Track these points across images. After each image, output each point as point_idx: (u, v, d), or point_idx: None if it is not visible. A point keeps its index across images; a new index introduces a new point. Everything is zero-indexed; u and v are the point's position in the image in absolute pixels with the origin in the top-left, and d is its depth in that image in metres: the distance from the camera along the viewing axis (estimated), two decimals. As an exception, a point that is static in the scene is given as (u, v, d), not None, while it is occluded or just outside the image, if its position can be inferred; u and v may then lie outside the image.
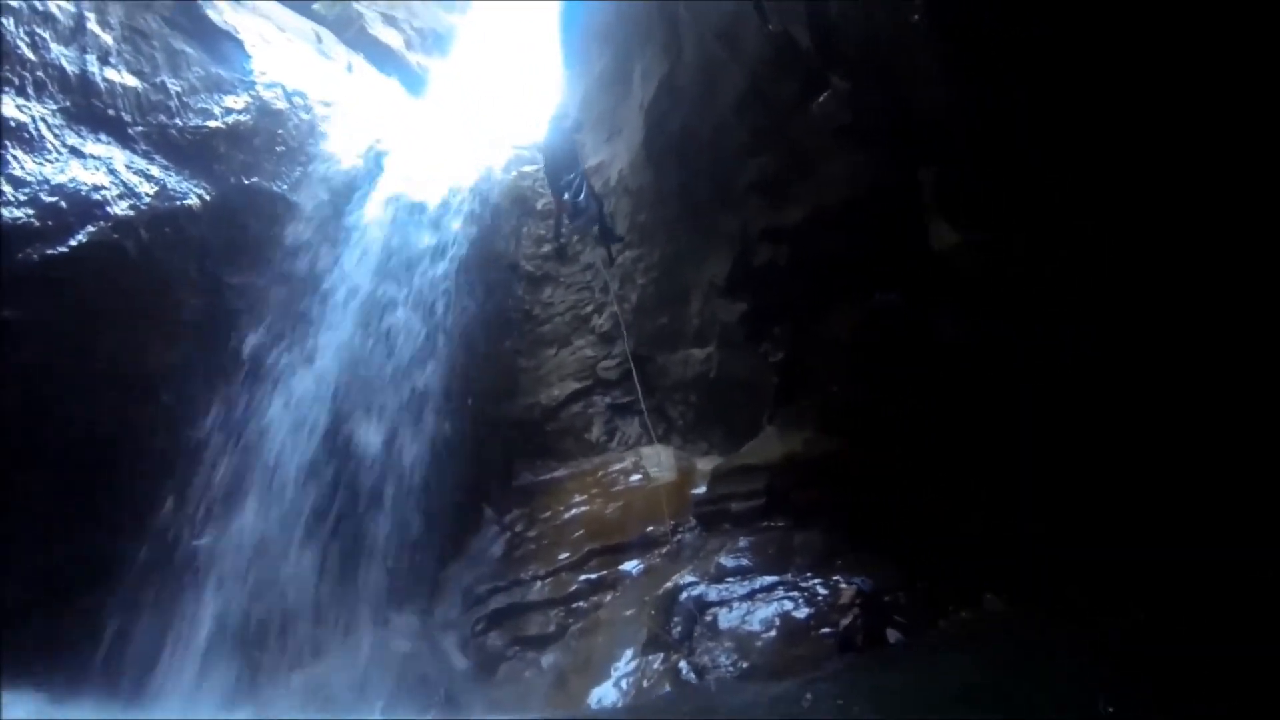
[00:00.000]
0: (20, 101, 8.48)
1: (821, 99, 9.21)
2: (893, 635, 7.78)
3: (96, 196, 8.89)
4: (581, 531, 10.91)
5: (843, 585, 8.24)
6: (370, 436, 10.75)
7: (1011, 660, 6.62)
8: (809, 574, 8.96)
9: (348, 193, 12.00)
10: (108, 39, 9.68)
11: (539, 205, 14.07)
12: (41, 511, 8.33)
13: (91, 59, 9.27)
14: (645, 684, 8.38)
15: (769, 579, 9.08)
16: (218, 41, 11.15)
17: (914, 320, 9.01)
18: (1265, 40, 5.12)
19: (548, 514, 11.44)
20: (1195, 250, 6.30)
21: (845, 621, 7.86)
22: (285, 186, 11.05)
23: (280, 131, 11.27)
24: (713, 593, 9.10)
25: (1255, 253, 5.99)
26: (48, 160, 8.62)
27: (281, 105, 11.48)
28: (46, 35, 8.95)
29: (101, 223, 8.88)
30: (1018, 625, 7.41)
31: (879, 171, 8.94)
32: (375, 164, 12.55)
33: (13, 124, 8.38)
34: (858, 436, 9.55)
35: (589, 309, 13.19)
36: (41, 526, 8.33)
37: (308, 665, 9.22)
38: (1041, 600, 7.59)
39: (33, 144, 8.48)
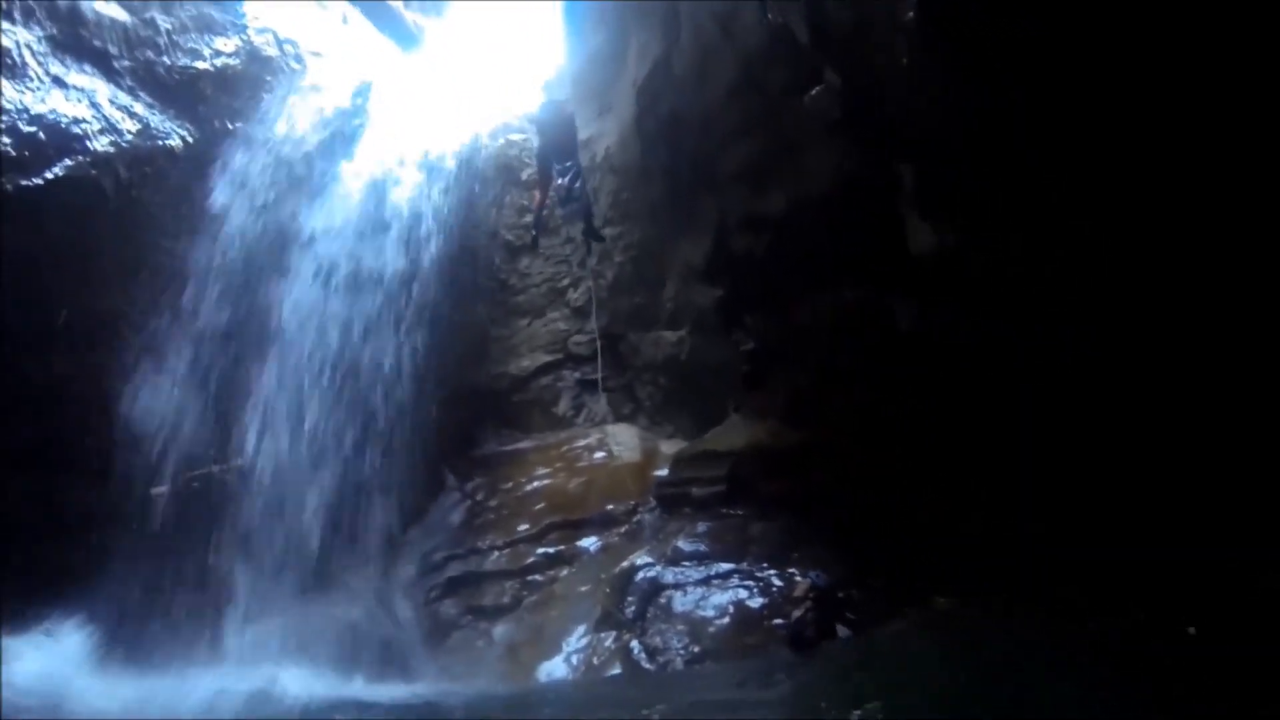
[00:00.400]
0: (6, 25, 8.25)
1: (814, 92, 9.20)
2: (843, 631, 7.89)
3: (76, 130, 8.70)
4: (542, 504, 10.96)
5: (797, 578, 8.36)
6: (336, 392, 10.67)
7: (953, 656, 6.78)
8: (765, 564, 9.06)
9: (330, 144, 11.83)
10: (99, -32, 9.55)
11: (524, 175, 13.93)
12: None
13: (83, -13, 9.07)
14: (596, 661, 8.47)
15: (725, 566, 9.17)
16: (211, -21, 11.03)
17: (883, 316, 9.10)
18: (1263, 36, 5.17)
19: (509, 485, 11.47)
20: (1194, 250, 6.38)
21: (797, 614, 7.99)
22: (271, 134, 10.86)
23: (269, 78, 11.08)
24: (669, 575, 9.18)
25: (1254, 251, 6.07)
26: (29, 88, 8.41)
27: (272, 52, 11.25)
28: (38, -41, 8.75)
29: (80, 156, 8.69)
30: (967, 624, 7.53)
31: (862, 167, 8.95)
32: (360, 118, 12.42)
33: None
34: (822, 430, 9.65)
35: (565, 282, 13.17)
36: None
37: (256, 620, 9.16)
38: (991, 599, 7.75)
39: (15, 70, 8.28)
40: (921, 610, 8.03)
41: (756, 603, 8.66)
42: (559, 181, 11.62)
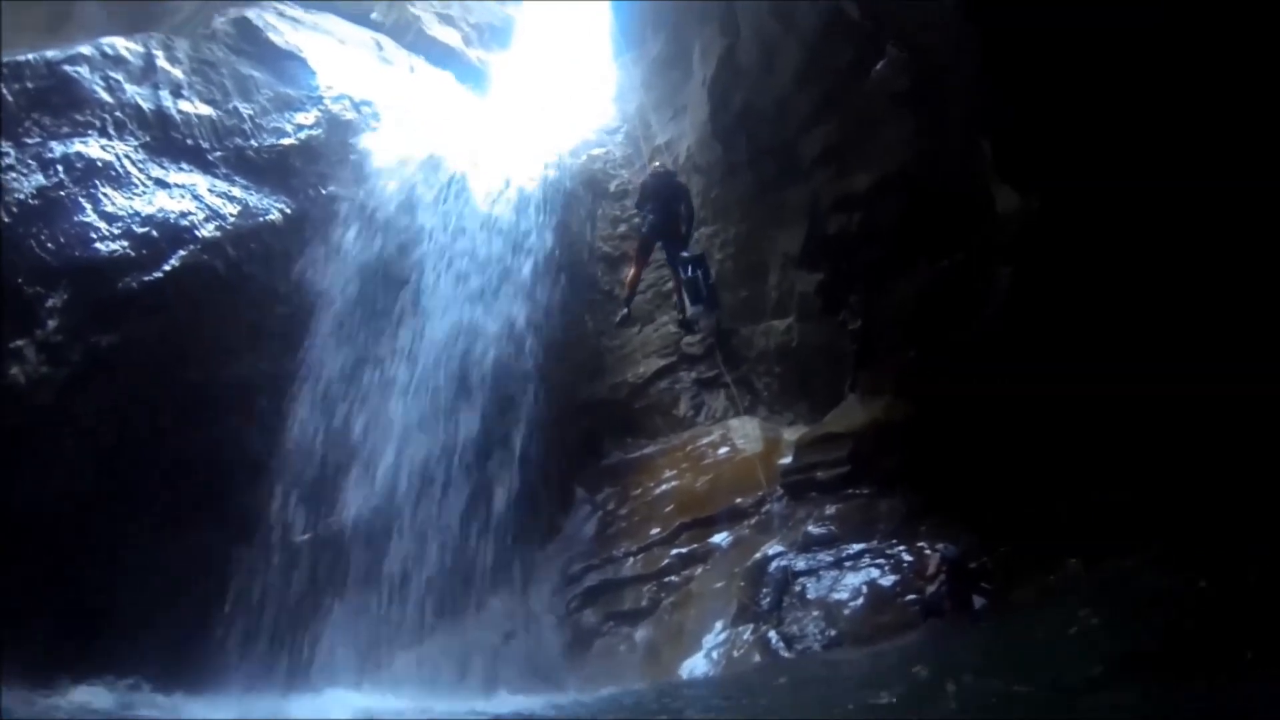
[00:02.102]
0: (104, 142, 9.06)
1: (879, 66, 9.24)
2: (978, 601, 7.86)
3: (184, 222, 9.42)
4: (672, 506, 11.05)
5: (928, 552, 8.30)
6: (469, 425, 11.09)
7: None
8: (894, 540, 9.09)
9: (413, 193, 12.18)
10: (178, 73, 10.24)
11: (611, 187, 14.24)
12: (148, 519, 8.96)
13: (165, 94, 9.82)
14: (735, 654, 8.60)
15: (855, 546, 9.22)
16: (282, 63, 11.60)
17: (980, 282, 8.98)
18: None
19: (638, 491, 11.60)
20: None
21: (931, 589, 7.94)
22: (360, 191, 11.40)
23: (351, 141, 11.65)
24: (800, 562, 9.27)
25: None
26: (135, 194, 9.18)
27: (350, 115, 11.82)
28: (119, 77, 9.54)
29: (191, 246, 9.41)
30: (1101, 586, 7.37)
31: (938, 137, 8.94)
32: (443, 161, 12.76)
33: (99, 164, 8.96)
34: (935, 400, 9.54)
35: (669, 285, 13.22)
36: (159, 531, 8.96)
37: (412, 647, 9.65)
38: (1124, 561, 7.56)
39: (119, 180, 9.06)
40: (1054, 574, 7.95)
41: (889, 580, 8.71)
42: (684, 275, 11.16)
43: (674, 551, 10.37)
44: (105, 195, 8.95)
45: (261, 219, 10.16)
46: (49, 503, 8.34)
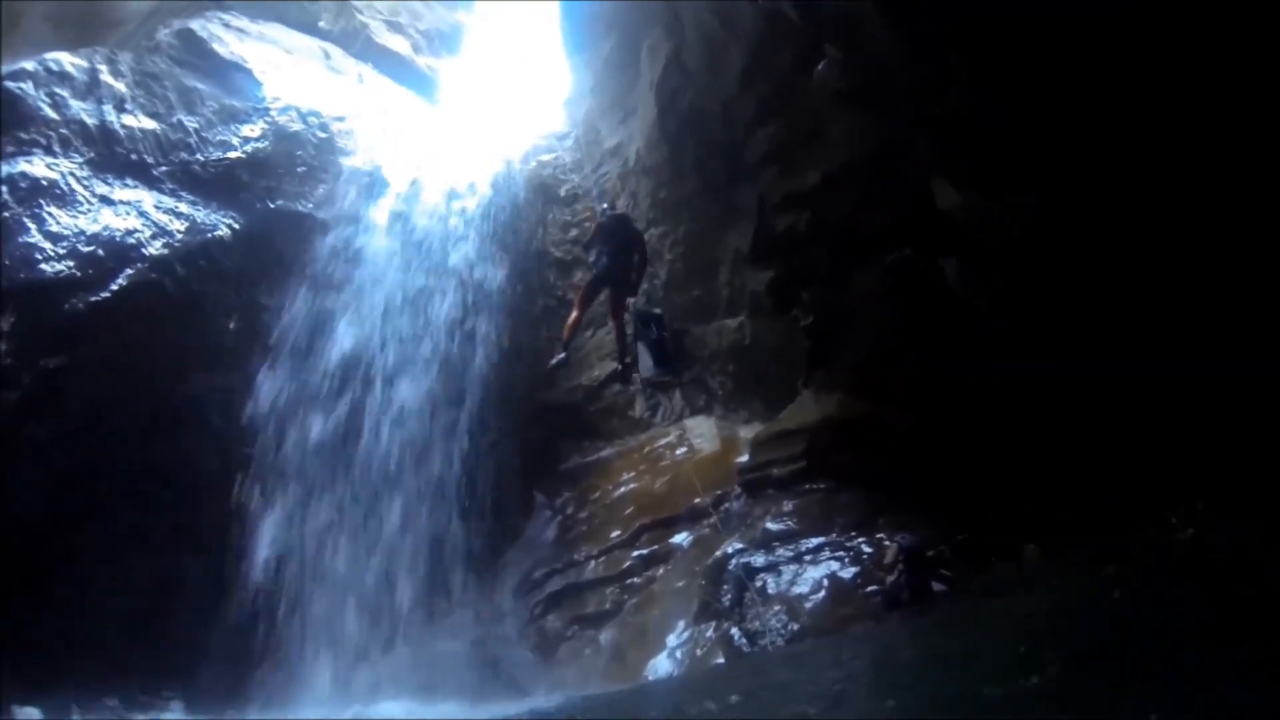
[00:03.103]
0: (49, 160, 8.96)
1: (820, 66, 9.32)
2: (937, 588, 7.95)
3: (131, 240, 9.33)
4: (631, 508, 11.13)
5: (886, 543, 8.39)
6: (424, 435, 11.09)
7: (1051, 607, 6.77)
8: (853, 533, 9.18)
9: (367, 202, 12.21)
10: (121, 87, 10.13)
11: (561, 192, 14.24)
12: (111, 539, 8.84)
13: (109, 108, 9.72)
14: (699, 653, 8.65)
15: (814, 540, 9.31)
16: (228, 74, 11.50)
17: (928, 277, 9.13)
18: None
19: (597, 494, 11.68)
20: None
21: (891, 579, 8.04)
22: (310, 205, 11.34)
23: (299, 153, 11.53)
24: (760, 559, 9.34)
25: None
26: (81, 212, 9.07)
27: (297, 127, 11.72)
28: (64, 93, 9.42)
29: (139, 264, 9.32)
30: (1056, 573, 7.52)
31: (880, 134, 9.06)
32: (387, 170, 12.75)
33: (44, 182, 8.86)
34: (889, 395, 9.68)
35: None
36: (113, 553, 8.85)
37: (373, 661, 9.64)
38: (1079, 546, 7.72)
39: (64, 198, 8.96)
40: (1011, 562, 8.10)
41: (849, 573, 8.80)
42: (649, 335, 10.95)
43: (635, 553, 10.44)
44: (50, 214, 8.86)
45: (210, 235, 10.07)
46: (6, 525, 8.21)
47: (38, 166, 8.94)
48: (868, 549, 8.90)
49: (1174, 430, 7.18)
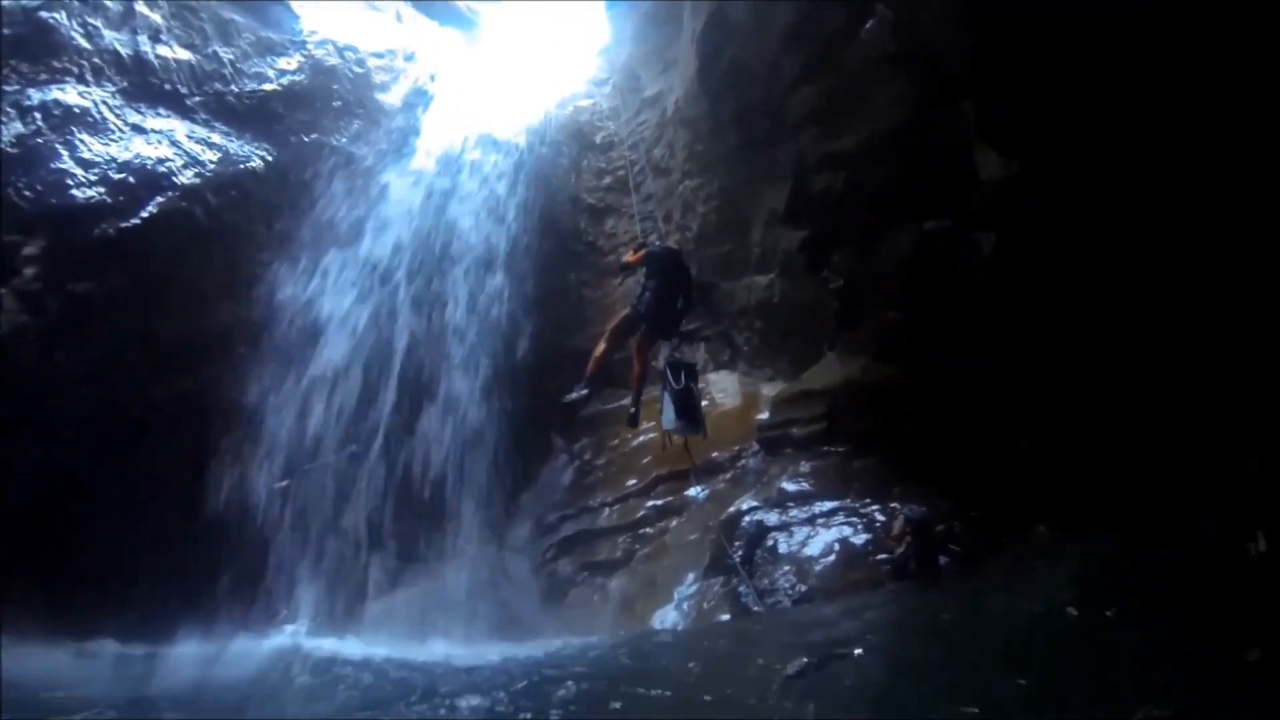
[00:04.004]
0: (81, 89, 8.94)
1: (868, 26, 9.17)
2: (945, 563, 7.94)
3: (162, 169, 9.34)
4: (649, 458, 11.16)
5: (900, 513, 8.34)
6: (447, 375, 11.20)
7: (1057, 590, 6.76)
8: (867, 500, 9.19)
9: (403, 138, 12.20)
10: (156, 18, 10.05)
11: (597, 139, 14.15)
12: (134, 466, 9.00)
13: (143, 39, 9.65)
14: (706, 606, 8.76)
15: (829, 504, 9.33)
16: (265, 6, 11.36)
17: (963, 248, 9.00)
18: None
19: (616, 442, 11.76)
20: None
21: (900, 549, 8.05)
22: (344, 139, 11.34)
23: (335, 87, 11.51)
24: (774, 517, 9.38)
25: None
26: (112, 140, 9.08)
27: (334, 61, 11.68)
28: (97, 23, 9.36)
29: (170, 193, 9.33)
30: (1068, 554, 7.49)
31: (925, 101, 8.91)
32: (424, 109, 12.71)
33: (76, 110, 8.85)
34: (915, 362, 9.61)
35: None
36: (136, 479, 9.01)
37: (385, 595, 9.81)
38: (1091, 527, 7.67)
39: (96, 126, 8.96)
40: (1022, 541, 8.08)
41: (860, 539, 8.82)
42: (674, 384, 9.63)
43: (649, 503, 10.55)
44: (82, 142, 8.86)
45: (242, 166, 10.09)
46: (35, 466, 8.36)
47: (70, 94, 8.94)
48: (881, 517, 8.91)
49: (1189, 427, 7.10)
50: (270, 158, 10.34)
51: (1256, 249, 6.49)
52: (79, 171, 8.74)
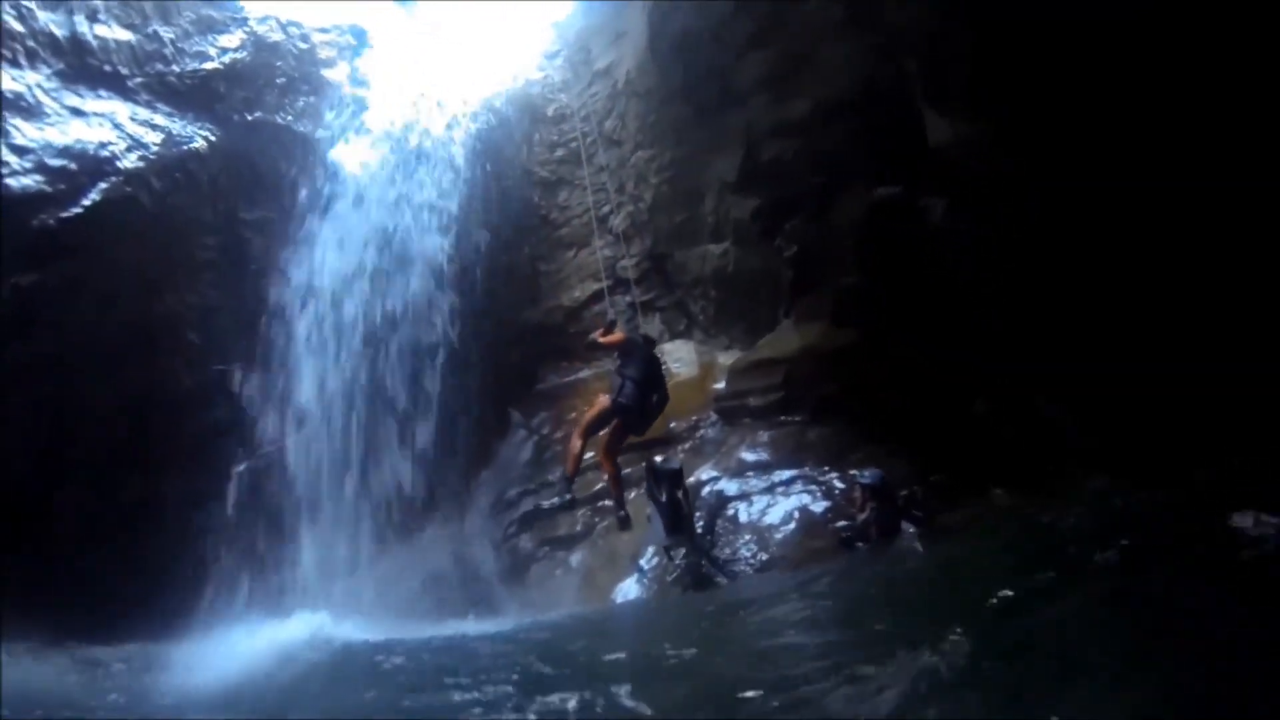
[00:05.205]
0: (14, 72, 8.56)
1: (817, -9, 9.18)
2: (906, 527, 8.12)
3: (104, 153, 9.02)
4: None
5: (859, 479, 8.44)
6: (402, 353, 11.05)
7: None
8: (826, 467, 9.31)
9: (351, 115, 11.93)
10: (94, -2, 9.82)
11: (549, 111, 14.01)
12: (88, 460, 8.79)
13: (80, 19, 9.26)
14: (668, 578, 8.77)
15: (787, 473, 9.44)
16: (207, -17, 11.15)
17: (914, 213, 9.10)
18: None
19: (573, 415, 11.52)
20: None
21: (862, 516, 8.16)
22: (289, 117, 11.08)
23: (279, 63, 11.21)
24: (733, 487, 9.50)
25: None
26: (49, 124, 8.74)
27: (277, 37, 11.37)
28: (31, 4, 8.95)
29: (113, 178, 9.02)
30: (1023, 514, 7.64)
31: (876, 68, 8.96)
32: (371, 85, 12.42)
33: (9, 95, 8.46)
34: (869, 328, 9.71)
35: (606, 209, 13.18)
36: (93, 477, 8.82)
37: (344, 578, 9.77)
38: (1045, 490, 7.84)
39: (31, 111, 8.60)
40: (980, 504, 8.24)
41: (820, 506, 8.95)
42: (662, 499, 8.87)
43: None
44: (15, 127, 8.45)
45: (186, 147, 9.78)
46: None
47: (2, 79, 8.49)
48: (840, 484, 9.03)
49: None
50: (213, 138, 10.05)
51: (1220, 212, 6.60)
52: (13, 159, 8.34)
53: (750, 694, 4.16)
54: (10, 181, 8.19)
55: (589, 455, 9.22)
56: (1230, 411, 6.74)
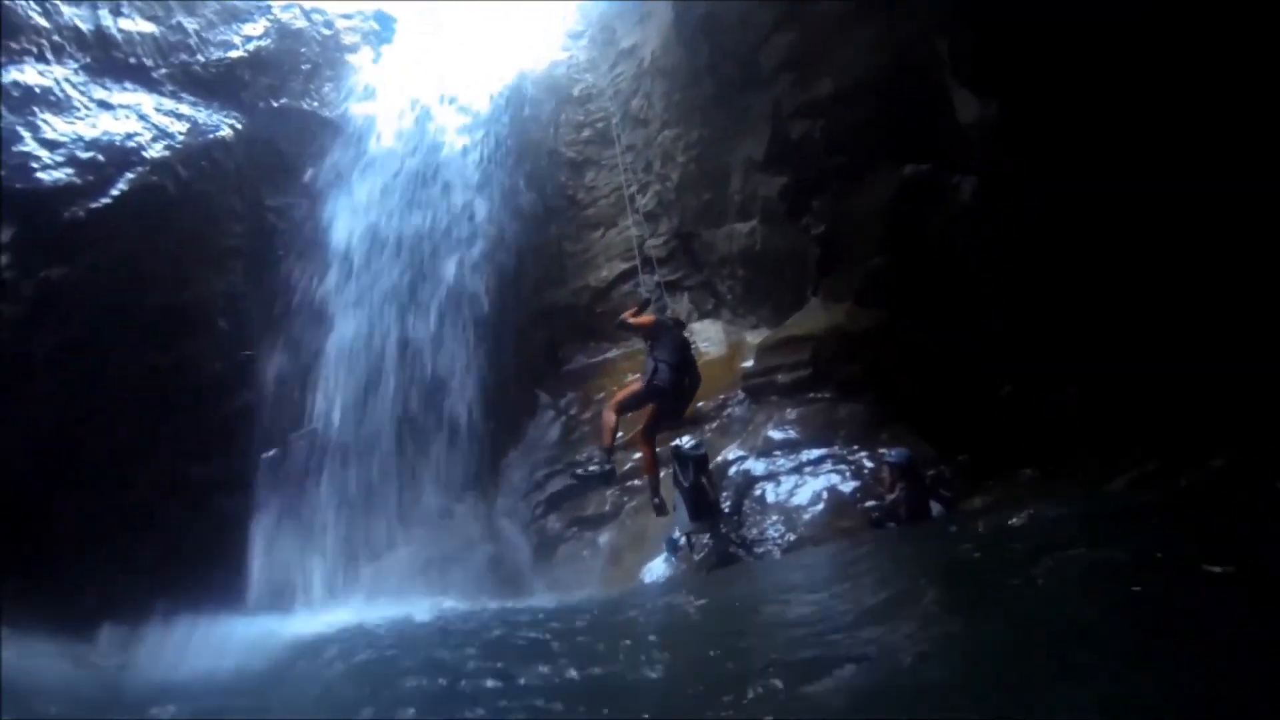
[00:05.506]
0: (41, 67, 8.70)
1: (842, -30, 9.07)
2: (935, 508, 8.03)
3: (131, 144, 9.15)
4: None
5: (886, 458, 8.37)
6: (430, 333, 11.14)
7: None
8: (854, 446, 9.23)
9: (377, 98, 12.01)
10: (117, -9, 9.84)
11: (575, 91, 14.01)
12: (117, 445, 8.90)
13: (104, 13, 9.41)
14: (695, 557, 8.76)
15: (816, 452, 9.36)
16: (229, -27, 11.19)
17: (943, 191, 8.98)
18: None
19: (601, 395, 11.66)
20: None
21: (891, 496, 8.11)
22: (315, 103, 11.20)
23: (303, 50, 11.33)
24: (760, 466, 9.44)
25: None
26: (77, 117, 8.87)
27: (301, 24, 11.49)
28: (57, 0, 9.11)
29: (140, 168, 9.14)
30: (1051, 494, 7.54)
31: (904, 44, 8.84)
32: (397, 68, 12.49)
33: (37, 90, 8.61)
34: (897, 306, 9.63)
35: (633, 189, 13.16)
36: (120, 458, 8.91)
37: (375, 560, 9.90)
38: (1074, 468, 7.75)
39: (59, 105, 8.74)
40: (1008, 483, 8.16)
41: (848, 486, 8.87)
42: (687, 484, 8.53)
43: (637, 455, 10.36)
44: (45, 122, 8.62)
45: (212, 135, 9.92)
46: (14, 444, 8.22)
47: (29, 74, 8.68)
48: (869, 463, 8.94)
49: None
50: (239, 125, 10.18)
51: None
52: (44, 153, 8.51)
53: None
54: (42, 175, 8.32)
55: (620, 435, 8.98)
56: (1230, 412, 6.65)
